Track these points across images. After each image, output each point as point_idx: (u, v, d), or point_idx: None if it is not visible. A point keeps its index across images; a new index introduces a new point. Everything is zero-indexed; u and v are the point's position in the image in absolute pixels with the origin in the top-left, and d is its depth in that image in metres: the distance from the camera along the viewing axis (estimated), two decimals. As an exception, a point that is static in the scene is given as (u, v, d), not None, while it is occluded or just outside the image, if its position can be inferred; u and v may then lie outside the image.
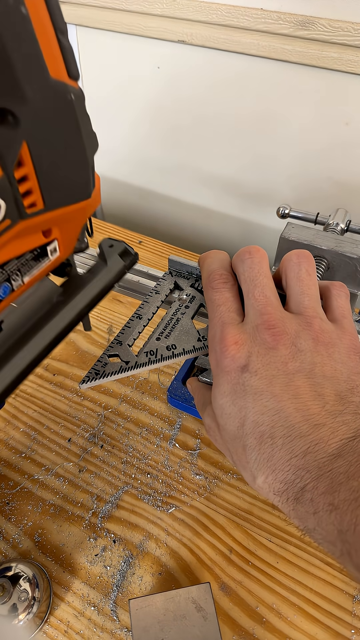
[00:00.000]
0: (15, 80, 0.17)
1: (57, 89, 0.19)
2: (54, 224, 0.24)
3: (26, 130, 0.19)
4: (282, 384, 0.23)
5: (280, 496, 0.22)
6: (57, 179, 0.22)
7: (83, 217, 0.26)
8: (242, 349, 0.24)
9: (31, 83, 0.18)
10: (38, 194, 0.21)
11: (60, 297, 0.30)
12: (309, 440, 0.22)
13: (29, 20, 0.16)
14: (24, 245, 0.23)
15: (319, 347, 0.24)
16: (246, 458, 0.23)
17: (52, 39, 0.18)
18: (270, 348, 0.24)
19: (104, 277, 0.31)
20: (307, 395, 0.23)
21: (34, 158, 0.20)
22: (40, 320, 0.28)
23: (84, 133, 0.22)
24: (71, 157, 0.22)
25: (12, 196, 0.20)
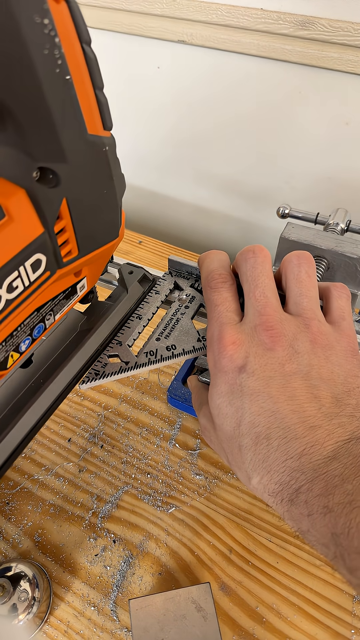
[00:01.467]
0: (57, 141, 0.18)
1: (94, 144, 0.20)
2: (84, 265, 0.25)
3: (66, 187, 0.19)
4: (278, 386, 0.23)
5: (275, 497, 0.22)
6: (91, 226, 0.23)
7: (110, 254, 0.27)
8: (240, 349, 0.24)
9: (71, 142, 0.18)
10: (74, 243, 0.22)
11: (84, 326, 0.30)
12: (305, 442, 0.22)
13: (72, 86, 0.17)
14: (58, 288, 0.24)
15: (316, 349, 0.24)
16: (241, 458, 0.23)
17: (91, 95, 0.18)
18: (268, 349, 0.24)
19: (125, 304, 0.32)
20: (303, 397, 0.23)
21: (71, 211, 0.20)
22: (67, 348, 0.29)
23: (115, 178, 0.22)
24: (104, 203, 0.23)
25: (52, 250, 0.20)
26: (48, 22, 0.15)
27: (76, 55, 0.16)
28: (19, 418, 0.24)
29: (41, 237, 0.19)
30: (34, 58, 0.15)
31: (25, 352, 0.24)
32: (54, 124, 0.17)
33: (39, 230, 0.19)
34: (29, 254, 0.19)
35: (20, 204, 0.18)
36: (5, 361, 0.22)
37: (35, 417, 0.25)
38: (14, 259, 0.18)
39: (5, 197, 0.17)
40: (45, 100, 0.16)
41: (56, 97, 0.16)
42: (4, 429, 0.24)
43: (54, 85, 0.16)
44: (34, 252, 0.19)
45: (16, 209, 0.18)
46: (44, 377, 0.27)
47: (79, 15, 0.16)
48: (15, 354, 0.23)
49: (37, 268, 0.20)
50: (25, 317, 0.22)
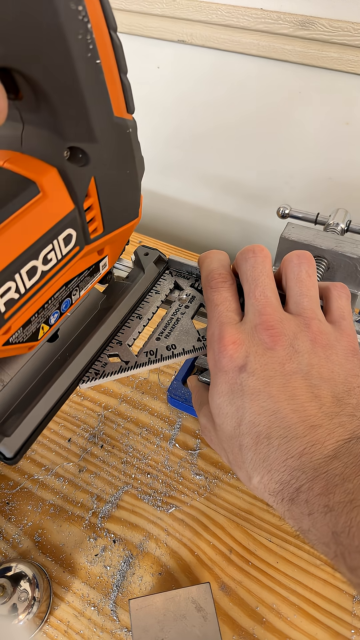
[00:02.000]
0: (88, 122, 0.19)
1: (119, 125, 0.21)
2: (107, 244, 0.26)
3: (94, 166, 0.21)
4: (279, 385, 0.23)
5: (276, 496, 0.22)
6: (115, 205, 0.24)
7: (129, 233, 0.28)
8: (240, 349, 0.24)
9: (99, 123, 0.19)
10: (100, 221, 0.23)
11: (104, 304, 0.32)
12: (305, 442, 0.22)
13: (101, 69, 0.18)
14: (83, 265, 0.25)
15: (316, 348, 0.24)
16: (242, 458, 0.23)
17: (117, 79, 0.19)
18: (268, 349, 0.24)
19: (142, 284, 0.33)
20: (304, 396, 0.23)
21: (98, 189, 0.22)
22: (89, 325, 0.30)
23: (137, 160, 0.24)
24: (126, 183, 0.24)
25: (81, 226, 0.22)
26: (82, 9, 0.16)
27: (105, 40, 0.17)
28: (49, 387, 0.25)
29: (72, 213, 0.21)
30: (69, 43, 0.16)
31: (54, 325, 0.25)
32: (85, 105, 0.18)
33: (70, 207, 0.20)
34: (61, 229, 0.20)
35: (53, 182, 0.19)
36: (36, 332, 0.23)
37: (63, 388, 0.26)
38: (49, 232, 0.20)
39: (39, 175, 0.19)
40: (78, 82, 0.17)
41: (88, 80, 0.17)
42: (36, 397, 0.25)
43: (86, 68, 0.17)
44: (65, 227, 0.20)
45: (50, 186, 0.19)
46: (70, 351, 0.28)
47: (107, 3, 0.17)
48: (46, 326, 0.24)
49: (68, 242, 0.21)
50: (55, 290, 0.23)
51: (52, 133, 0.19)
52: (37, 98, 0.18)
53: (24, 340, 0.22)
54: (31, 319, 0.22)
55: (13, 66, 0.16)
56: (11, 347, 0.21)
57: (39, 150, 0.19)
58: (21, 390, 0.26)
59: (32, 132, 0.19)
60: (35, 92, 0.17)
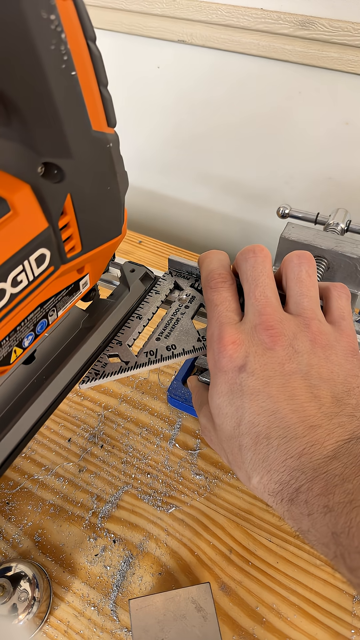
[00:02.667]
0: (63, 137, 0.18)
1: (98, 140, 0.20)
2: (87, 262, 0.25)
3: (70, 182, 0.20)
4: (278, 385, 0.23)
5: (275, 497, 0.22)
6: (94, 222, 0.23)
7: (113, 250, 0.27)
8: (239, 349, 0.24)
9: (75, 138, 0.18)
10: (77, 239, 0.22)
11: (86, 323, 0.31)
12: (305, 442, 0.22)
13: (77, 81, 0.17)
14: (61, 284, 0.24)
15: (316, 349, 0.24)
16: (242, 458, 0.23)
17: (96, 92, 0.18)
18: (268, 349, 0.24)
19: (127, 302, 0.32)
20: (303, 396, 0.23)
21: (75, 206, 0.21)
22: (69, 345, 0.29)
23: (118, 175, 0.22)
24: (107, 199, 0.23)
25: (56, 245, 0.21)
26: (55, 18, 0.15)
27: (81, 51, 0.17)
28: (22, 413, 0.24)
29: (45, 231, 0.19)
30: (40, 53, 0.15)
31: (29, 347, 0.24)
32: (60, 119, 0.17)
33: (44, 225, 0.19)
34: (33, 249, 0.19)
35: (25, 199, 0.18)
36: (8, 356, 0.22)
37: (38, 413, 0.25)
38: (18, 252, 0.18)
39: (10, 192, 0.17)
40: (51, 95, 0.16)
41: (62, 92, 0.17)
42: (8, 424, 0.24)
43: (59, 80, 0.16)
44: (38, 246, 0.19)
45: (21, 203, 0.18)
46: (47, 374, 0.27)
47: (85, 13, 0.16)
48: (19, 350, 0.23)
49: (41, 263, 0.20)
50: (29, 312, 0.22)
51: (25, 148, 0.18)
52: (8, 111, 0.17)
53: None
54: (1, 342, 0.21)
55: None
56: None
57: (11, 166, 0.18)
58: None
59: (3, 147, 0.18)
60: (6, 104, 0.17)
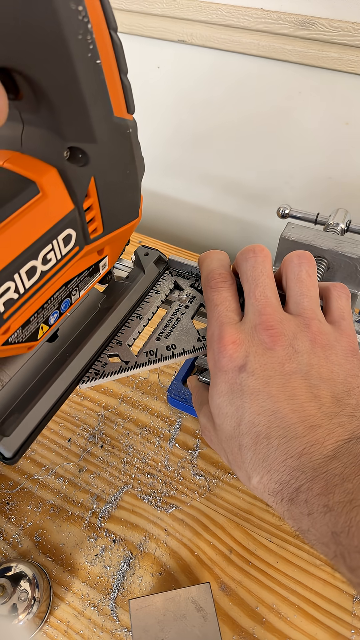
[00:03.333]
0: (88, 122, 0.19)
1: (119, 125, 0.21)
2: (107, 244, 0.26)
3: (94, 166, 0.21)
4: (278, 385, 0.23)
5: (275, 496, 0.22)
6: (115, 205, 0.24)
7: (130, 234, 0.28)
8: (240, 348, 0.24)
9: (99, 123, 0.19)
10: (100, 221, 0.23)
11: (104, 304, 0.32)
12: (305, 442, 0.22)
13: (101, 69, 0.18)
14: (83, 265, 0.25)
15: (316, 348, 0.24)
16: (241, 458, 0.23)
17: (117, 80, 0.19)
18: (268, 349, 0.24)
19: (142, 284, 0.33)
20: (303, 396, 0.23)
21: (98, 189, 0.22)
22: (89, 325, 0.30)
23: (137, 160, 0.23)
24: (126, 183, 0.24)
25: (81, 226, 0.22)
26: (82, 9, 0.16)
27: (105, 40, 0.17)
28: (48, 388, 0.25)
29: (72, 213, 0.21)
30: (69, 43, 0.16)
31: (54, 325, 0.25)
32: (85, 105, 0.18)
33: (70, 207, 0.20)
34: (61, 229, 0.20)
35: (53, 182, 0.19)
36: (36, 332, 0.23)
37: (62, 388, 0.26)
38: (48, 232, 0.20)
39: (39, 175, 0.19)
40: (78, 82, 0.17)
41: (88, 80, 0.17)
42: (34, 398, 0.25)
43: (86, 68, 0.17)
44: (65, 227, 0.20)
45: (49, 186, 0.19)
46: (69, 351, 0.28)
47: (108, 3, 0.17)
48: (45, 326, 0.24)
49: (67, 242, 0.21)
50: (55, 290, 0.23)
51: (52, 133, 0.19)
52: (37, 98, 0.18)
53: (23, 340, 0.22)
54: (30, 319, 0.22)
55: (13, 66, 0.16)
56: (10, 347, 0.21)
57: (38, 151, 0.19)
58: (20, 390, 0.26)
59: (32, 132, 0.19)
60: (35, 92, 0.17)
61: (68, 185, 0.20)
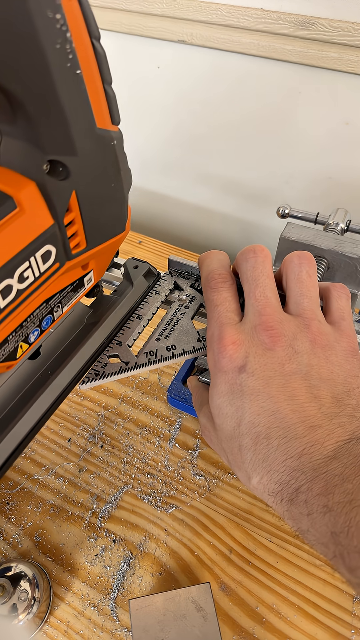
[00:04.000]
0: (69, 134, 0.18)
1: (103, 137, 0.20)
2: (92, 258, 0.25)
3: (75, 179, 0.20)
4: (278, 385, 0.23)
5: (275, 497, 0.22)
6: (99, 219, 0.23)
7: (117, 247, 0.27)
8: (240, 349, 0.24)
9: (80, 135, 0.19)
10: (82, 236, 0.23)
11: (91, 319, 0.31)
12: (305, 442, 0.22)
13: (82, 80, 0.17)
14: (66, 280, 0.24)
15: (316, 349, 0.24)
16: (241, 458, 0.23)
17: (100, 90, 0.19)
18: (268, 349, 0.24)
19: (130, 298, 0.32)
20: (303, 397, 0.23)
21: (80, 203, 0.21)
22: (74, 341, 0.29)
23: (122, 172, 0.23)
24: (111, 196, 0.23)
25: (62, 241, 0.21)
26: (60, 17, 0.15)
27: (86, 50, 0.17)
28: (29, 407, 0.25)
29: (51, 228, 0.20)
30: (46, 52, 0.15)
31: (34, 343, 0.24)
32: (65, 117, 0.17)
33: (49, 222, 0.20)
34: (39, 245, 0.19)
35: (31, 196, 0.18)
36: (15, 351, 0.22)
37: (44, 407, 0.25)
38: (25, 249, 0.19)
39: (16, 189, 0.18)
40: (56, 93, 0.17)
41: (67, 90, 0.17)
42: (15, 418, 0.24)
43: (65, 79, 0.16)
44: (44, 243, 0.20)
45: (27, 200, 0.18)
46: (52, 369, 0.27)
47: (89, 12, 0.16)
48: (25, 345, 0.23)
49: (47, 259, 0.20)
50: (35, 308, 0.23)
51: (31, 146, 0.18)
52: (14, 109, 0.17)
53: (1, 359, 0.21)
54: (8, 338, 0.21)
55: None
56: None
57: (17, 164, 0.18)
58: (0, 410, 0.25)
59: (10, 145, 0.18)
60: (11, 102, 0.17)
61: (48, 199, 0.19)
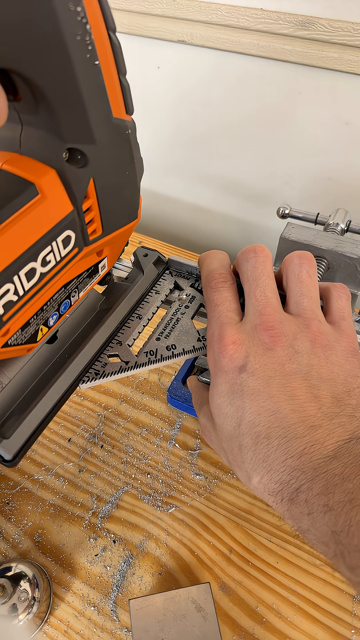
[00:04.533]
0: (87, 123, 0.19)
1: (118, 126, 0.21)
2: (106, 245, 0.26)
3: (93, 167, 0.21)
4: (279, 385, 0.23)
5: (275, 496, 0.22)
6: (114, 206, 0.24)
7: (129, 235, 0.28)
8: (240, 349, 0.24)
9: (98, 124, 0.19)
10: (99, 222, 0.23)
11: (104, 305, 0.32)
12: (305, 442, 0.22)
13: (100, 70, 0.18)
14: (82, 266, 0.25)
15: (316, 349, 0.24)
16: (242, 458, 0.23)
17: (116, 80, 0.19)
18: (268, 349, 0.24)
19: (142, 285, 0.33)
20: (303, 396, 0.23)
21: (97, 191, 0.22)
22: (89, 326, 0.30)
23: (136, 161, 0.24)
24: (126, 184, 0.24)
25: (80, 227, 0.22)
26: (81, 10, 0.16)
27: (104, 41, 0.17)
28: (47, 389, 0.25)
29: (71, 214, 0.21)
30: (68, 44, 0.16)
31: (53, 326, 0.25)
32: (84, 106, 0.18)
33: (69, 208, 0.20)
34: (60, 230, 0.20)
35: (52, 183, 0.19)
36: (35, 334, 0.23)
37: (62, 390, 0.26)
38: (47, 233, 0.20)
39: (38, 177, 0.19)
40: (77, 83, 0.17)
41: (86, 81, 0.17)
42: (34, 399, 0.25)
43: (85, 69, 0.17)
44: (64, 228, 0.21)
45: (48, 187, 0.19)
46: (69, 353, 0.28)
47: (106, 4, 0.17)
48: (45, 328, 0.24)
49: (67, 244, 0.21)
50: (54, 292, 0.23)
51: (51, 134, 0.19)
52: (36, 99, 0.18)
53: (23, 342, 0.22)
54: (30, 320, 0.22)
55: (12, 67, 0.17)
56: (10, 349, 0.21)
57: (37, 152, 0.19)
58: (20, 392, 0.26)
59: (30, 134, 0.19)
60: (34, 93, 0.17)
61: (67, 186, 0.20)
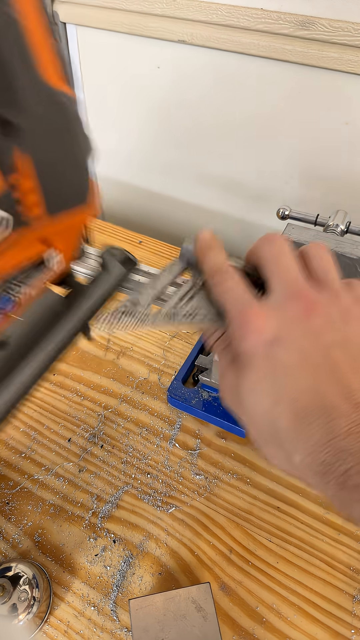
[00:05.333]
0: (11, 88, 0.17)
1: (54, 95, 0.19)
2: (52, 233, 0.24)
3: (22, 137, 0.19)
4: (317, 358, 0.21)
5: (321, 477, 0.20)
6: (53, 185, 0.22)
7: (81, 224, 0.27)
8: (268, 321, 0.23)
9: (25, 90, 0.18)
10: (34, 201, 0.22)
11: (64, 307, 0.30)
12: (351, 420, 0.20)
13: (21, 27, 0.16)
14: (22, 254, 0.23)
15: (349, 319, 0.23)
16: (279, 438, 0.22)
17: (46, 45, 0.18)
18: (303, 318, 0.22)
19: (104, 284, 0.31)
20: (345, 369, 0.21)
21: (35, 165, 0.20)
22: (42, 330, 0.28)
23: (80, 137, 0.22)
24: (66, 161, 0.22)
25: (10, 204, 0.20)
26: None
27: None
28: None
29: None
30: None
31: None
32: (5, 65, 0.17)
33: None
34: None
35: None
36: None
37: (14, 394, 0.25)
38: None
39: None
40: None
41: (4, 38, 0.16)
42: None
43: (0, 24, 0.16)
44: None
45: None
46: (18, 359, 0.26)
47: None
48: None
49: None
50: None
51: None
52: None
53: None
54: None
55: None
56: None
57: None
58: None
59: None
60: None
61: None
